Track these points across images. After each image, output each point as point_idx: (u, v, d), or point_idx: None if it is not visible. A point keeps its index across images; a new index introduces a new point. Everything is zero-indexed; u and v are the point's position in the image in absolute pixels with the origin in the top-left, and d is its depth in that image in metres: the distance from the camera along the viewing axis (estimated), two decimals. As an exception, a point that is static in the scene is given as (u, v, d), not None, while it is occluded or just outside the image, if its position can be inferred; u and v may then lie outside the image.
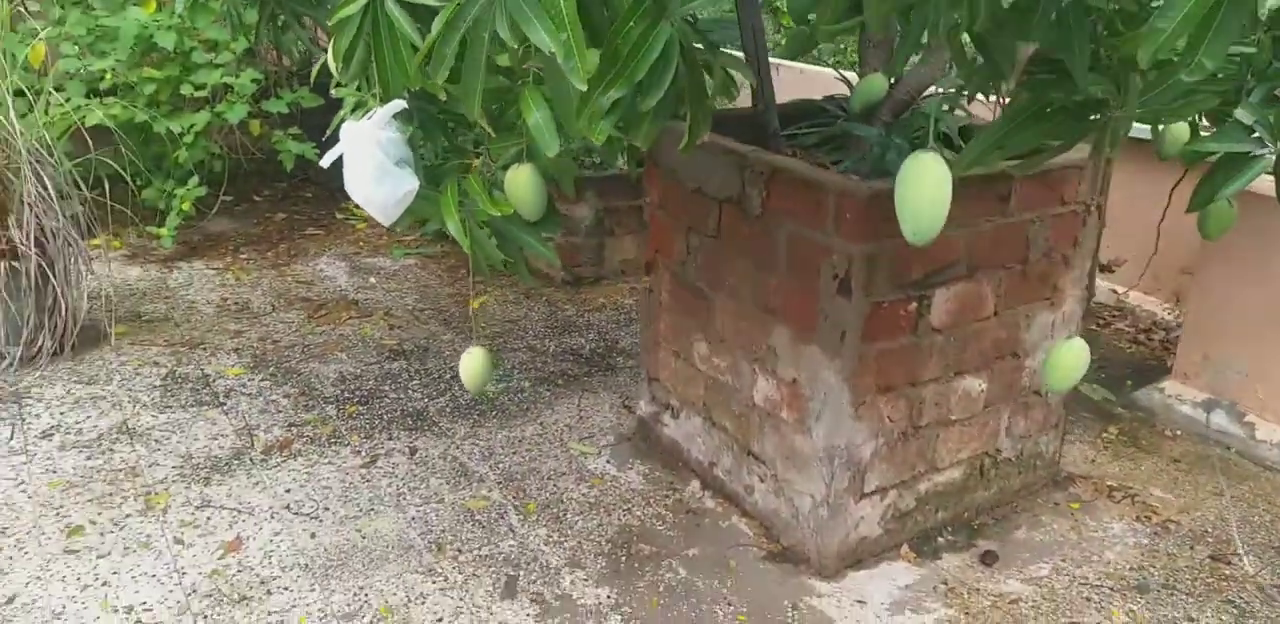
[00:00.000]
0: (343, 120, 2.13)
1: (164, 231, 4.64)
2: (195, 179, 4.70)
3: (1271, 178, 2.26)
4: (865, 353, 2.44)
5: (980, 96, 2.03)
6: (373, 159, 2.02)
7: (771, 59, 3.14)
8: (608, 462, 3.17)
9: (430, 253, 4.95)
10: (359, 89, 2.43)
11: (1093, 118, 1.89)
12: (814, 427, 2.57)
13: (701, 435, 3.04)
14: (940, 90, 2.58)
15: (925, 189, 1.52)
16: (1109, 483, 3.12)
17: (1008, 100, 1.90)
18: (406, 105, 2.06)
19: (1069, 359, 1.99)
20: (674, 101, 1.65)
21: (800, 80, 5.08)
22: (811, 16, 1.94)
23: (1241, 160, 2.29)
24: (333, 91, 2.56)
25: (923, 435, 2.68)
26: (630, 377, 3.69)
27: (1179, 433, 3.45)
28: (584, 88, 1.44)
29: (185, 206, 4.65)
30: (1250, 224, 2.97)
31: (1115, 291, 4.52)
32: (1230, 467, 3.24)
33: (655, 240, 3.06)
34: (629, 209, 4.49)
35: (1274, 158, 2.24)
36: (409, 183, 2.06)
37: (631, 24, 1.50)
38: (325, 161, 2.11)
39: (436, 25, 1.54)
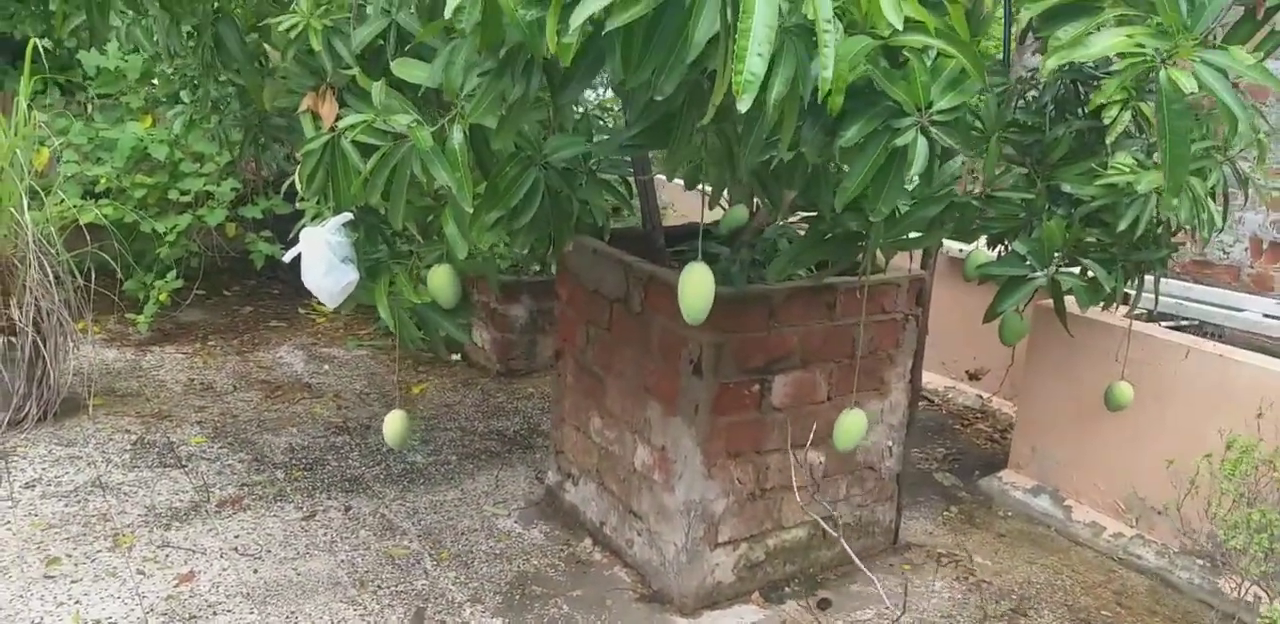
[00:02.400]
0: (303, 226, 2.74)
1: (141, 319, 5.21)
2: (173, 273, 5.29)
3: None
4: (716, 423, 3.04)
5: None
6: (323, 257, 2.64)
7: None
8: (515, 522, 3.69)
9: (381, 345, 5.53)
10: (318, 202, 3.06)
11: (860, 244, 2.56)
12: (677, 485, 3.14)
13: (595, 499, 3.59)
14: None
15: (692, 287, 2.16)
16: (939, 550, 3.68)
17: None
18: (353, 216, 2.70)
19: (850, 425, 2.60)
20: (544, 222, 2.29)
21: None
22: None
23: (1019, 281, 2.99)
24: (297, 204, 3.19)
25: (769, 497, 3.25)
26: (545, 457, 4.25)
27: (1010, 514, 4.03)
28: (470, 210, 2.08)
29: (163, 298, 5.23)
30: (1058, 334, 3.65)
31: (980, 397, 5.16)
32: (1047, 541, 3.81)
33: (563, 332, 3.68)
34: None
35: (1044, 279, 2.93)
36: (350, 275, 2.67)
37: (509, 167, 2.16)
38: (286, 258, 2.72)
39: (370, 164, 2.18)
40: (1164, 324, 3.96)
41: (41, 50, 6.05)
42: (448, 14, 1.55)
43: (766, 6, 1.29)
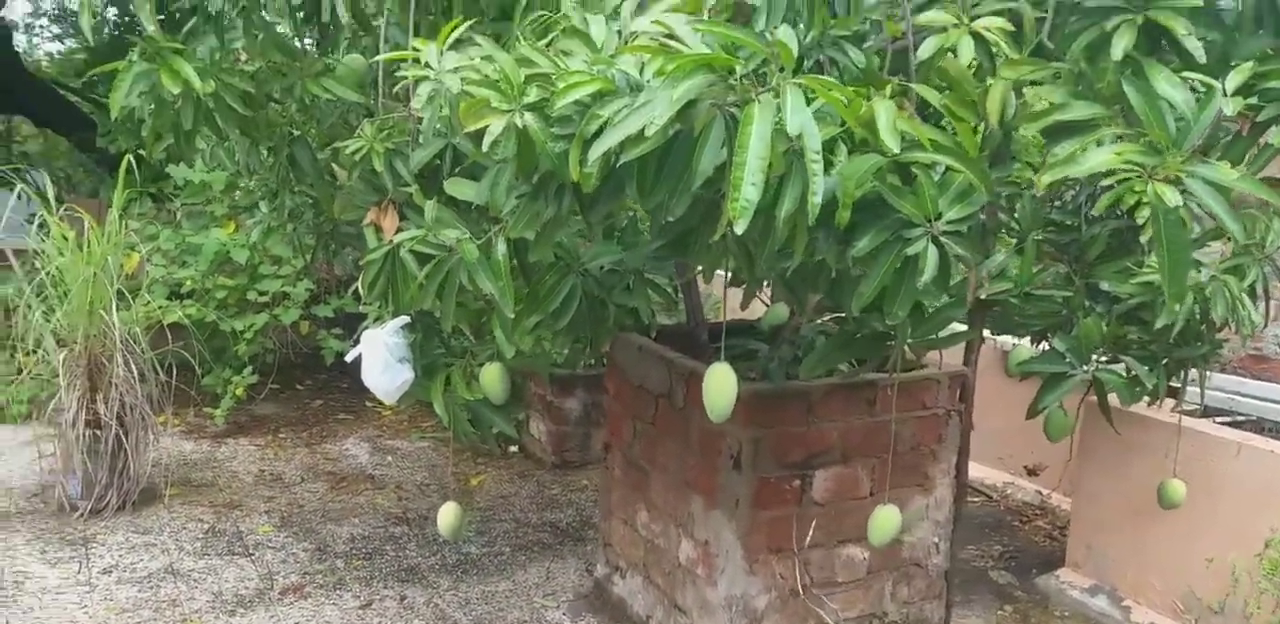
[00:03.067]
0: (364, 329, 2.93)
1: (218, 413, 5.45)
2: (249, 369, 5.56)
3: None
4: (757, 518, 3.10)
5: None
6: (380, 357, 2.81)
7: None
8: (564, 614, 3.75)
9: (442, 437, 5.69)
10: (379, 306, 3.26)
11: (888, 343, 2.66)
12: (719, 579, 3.19)
13: (641, 592, 3.64)
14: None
15: (715, 386, 2.27)
16: (991, 649, 3.64)
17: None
18: (411, 319, 2.88)
19: (883, 521, 2.66)
20: (581, 325, 2.44)
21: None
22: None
23: (1060, 378, 3.05)
24: (361, 307, 3.40)
25: (812, 593, 3.28)
26: (595, 546, 4.32)
27: (1067, 614, 3.97)
28: (511, 316, 2.24)
29: (239, 392, 5.48)
30: (1108, 430, 3.66)
31: (1040, 493, 5.11)
32: (1104, 641, 3.75)
33: (611, 426, 3.79)
34: (612, 405, 5.24)
35: (1082, 376, 2.99)
36: (405, 374, 2.84)
37: (548, 276, 2.33)
38: (349, 358, 2.91)
39: (424, 272, 2.36)
40: (1219, 420, 3.95)
41: (134, 164, 6.53)
42: (484, 147, 1.74)
43: (759, 142, 1.45)
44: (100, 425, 4.26)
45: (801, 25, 1.83)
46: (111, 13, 10.39)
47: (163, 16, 2.58)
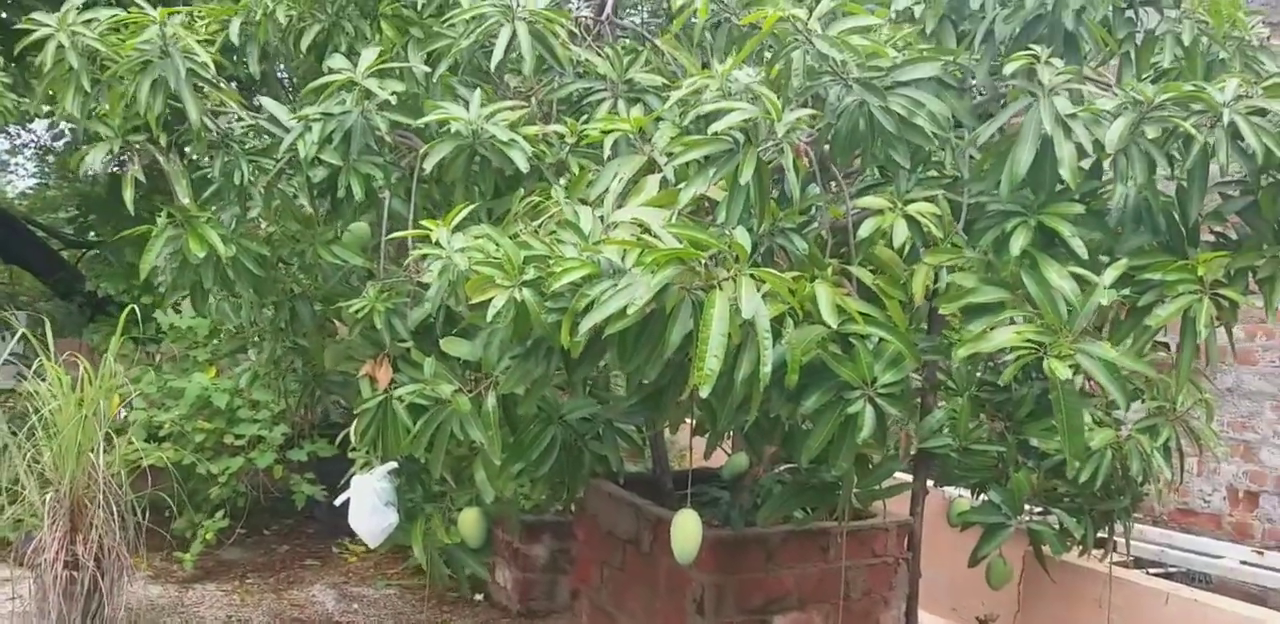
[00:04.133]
0: (353, 475, 3.15)
1: (188, 558, 5.52)
2: (221, 513, 5.66)
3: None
4: (719, 661, 3.27)
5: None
6: (368, 501, 3.03)
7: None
8: None
9: (408, 585, 5.76)
10: (367, 452, 3.48)
11: (837, 493, 2.93)
12: (680, 722, 3.31)
13: (604, 738, 3.73)
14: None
15: (680, 531, 2.52)
16: None
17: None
18: (397, 464, 3.11)
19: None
20: (560, 472, 2.70)
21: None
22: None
23: (996, 528, 3.31)
24: (350, 454, 3.62)
25: (770, 736, 3.40)
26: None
27: None
28: (498, 462, 2.49)
29: (209, 537, 5.56)
30: (1050, 581, 3.89)
31: (990, 641, 5.25)
32: None
33: (580, 572, 3.97)
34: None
35: (1017, 526, 3.25)
36: (391, 518, 3.05)
37: (532, 425, 2.60)
38: (337, 502, 3.12)
39: (419, 424, 2.62)
40: (1151, 571, 4.20)
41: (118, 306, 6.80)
42: (489, 317, 2.05)
43: (720, 322, 1.77)
44: (78, 567, 4.34)
45: (754, 219, 2.19)
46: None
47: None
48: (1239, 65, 2.59)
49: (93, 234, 9.89)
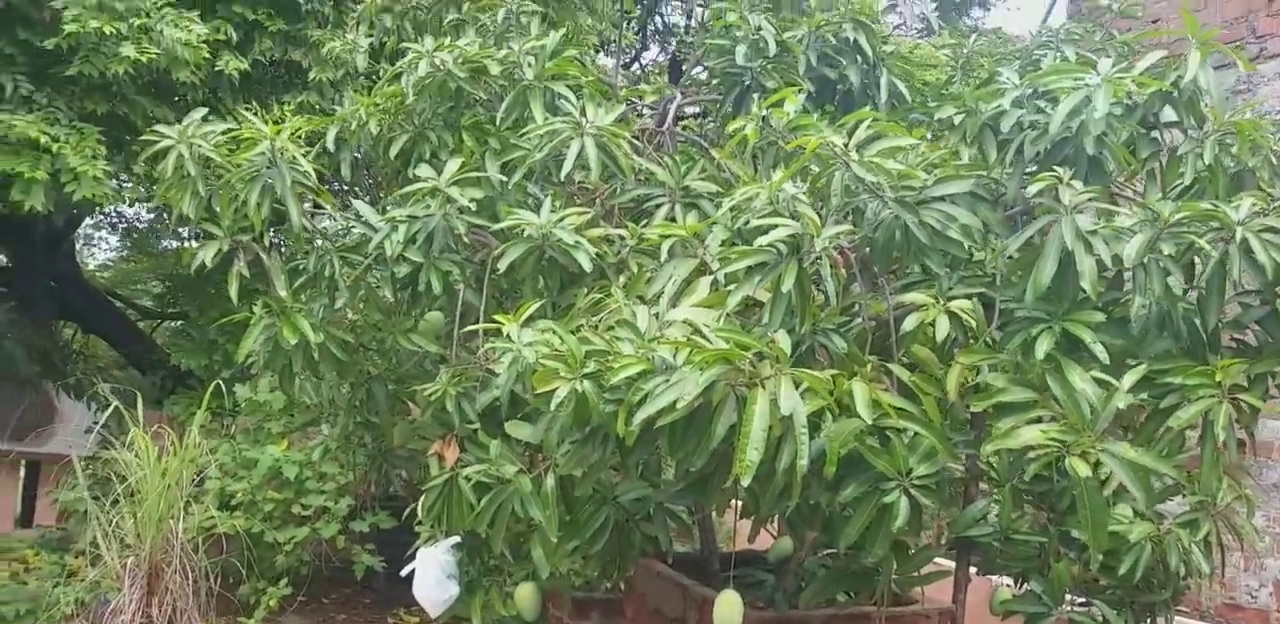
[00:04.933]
0: (418, 547, 3.34)
1: (252, 623, 5.72)
2: (285, 581, 5.86)
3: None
4: (758, 742, 3.35)
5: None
6: (433, 572, 3.21)
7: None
8: None
9: (460, 658, 5.89)
10: (432, 526, 3.67)
11: (877, 578, 3.05)
12: None
13: None
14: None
15: (724, 611, 2.66)
16: None
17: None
18: (460, 539, 3.30)
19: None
20: (611, 550, 2.87)
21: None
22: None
23: (1038, 618, 3.40)
24: (416, 528, 3.82)
25: None
26: None
27: None
28: (554, 539, 2.68)
29: (272, 603, 5.76)
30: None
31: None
32: None
33: (627, 649, 4.08)
34: (626, 630, 5.48)
35: (1058, 617, 3.33)
36: (453, 589, 3.23)
37: (588, 506, 2.78)
38: (404, 572, 3.30)
39: (483, 502, 2.82)
40: (1199, 667, 4.19)
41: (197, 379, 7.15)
42: (552, 406, 2.26)
43: (761, 417, 1.96)
44: (151, 629, 4.57)
45: (796, 320, 2.39)
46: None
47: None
48: (1268, 174, 2.76)
49: (171, 309, 10.28)
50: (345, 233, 3.19)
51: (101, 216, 12.44)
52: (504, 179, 3.11)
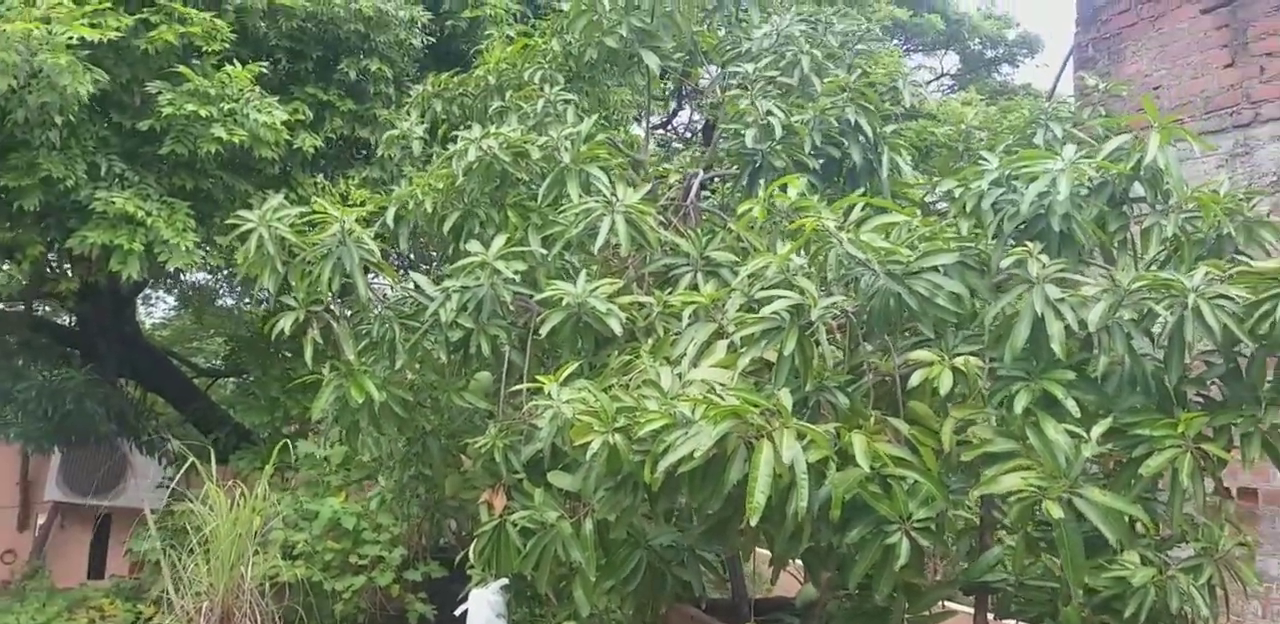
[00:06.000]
0: (470, 588, 3.64)
1: (310, 672, 6.02)
2: (343, 629, 6.18)
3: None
4: None
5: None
6: (484, 612, 3.52)
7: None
8: None
9: (508, 703, 6.13)
10: (483, 569, 3.98)
11: (890, 617, 3.30)
12: None
13: None
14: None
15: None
16: None
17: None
18: (509, 581, 3.60)
19: None
20: (645, 590, 3.15)
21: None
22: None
23: (1056, 661, 3.59)
24: (467, 571, 4.12)
25: None
26: None
27: None
28: (593, 579, 2.97)
29: (330, 649, 6.06)
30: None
31: None
32: None
33: (664, 689, 4.32)
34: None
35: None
36: (501, 628, 3.53)
37: (622, 549, 3.08)
38: (457, 612, 3.61)
39: (530, 545, 3.12)
40: (1220, 711, 4.33)
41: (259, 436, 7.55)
42: (586, 457, 2.59)
43: (766, 465, 2.27)
44: (221, 672, 4.89)
45: (799, 380, 2.71)
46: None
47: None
48: (1243, 239, 3.03)
49: (228, 367, 10.55)
50: (404, 301, 3.56)
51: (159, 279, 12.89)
52: (545, 252, 3.48)
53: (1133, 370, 2.79)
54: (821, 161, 3.60)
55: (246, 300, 10.03)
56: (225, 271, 6.45)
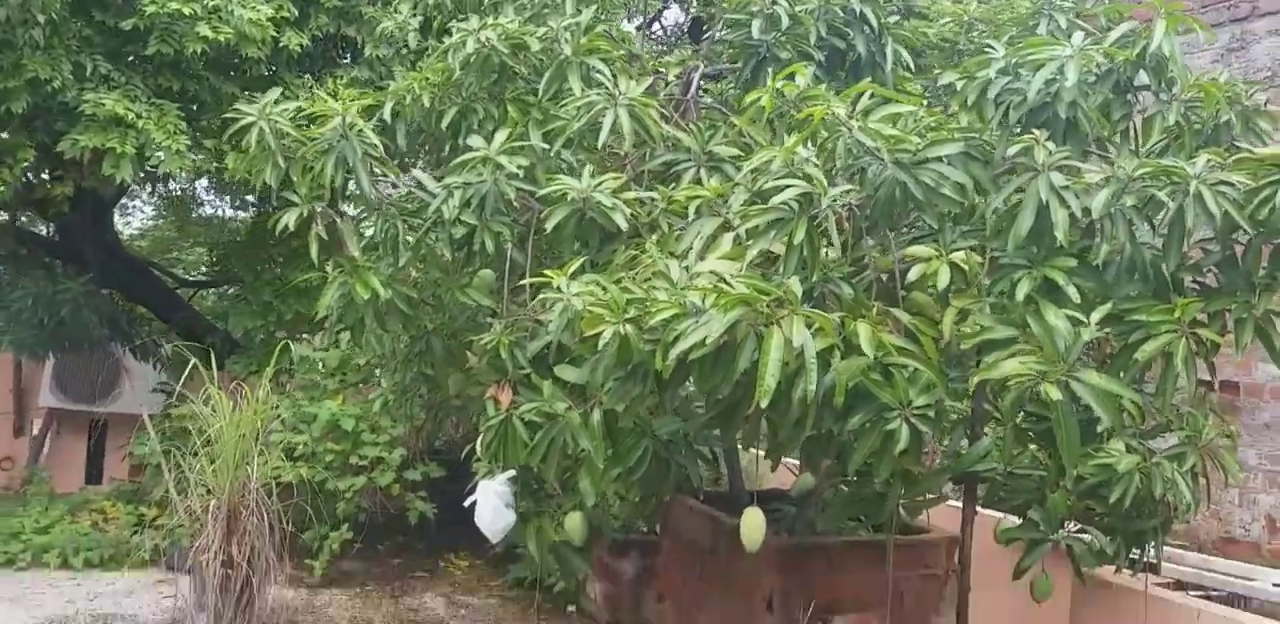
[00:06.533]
0: (479, 480, 3.73)
1: (317, 565, 6.20)
2: (346, 526, 6.32)
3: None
4: (786, 651, 3.75)
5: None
6: (492, 502, 3.61)
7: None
8: (618, 743, 4.32)
9: (508, 596, 6.35)
10: (490, 462, 4.07)
11: (885, 503, 3.42)
12: (754, 702, 3.79)
13: (686, 723, 4.22)
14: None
15: (748, 523, 3.04)
16: None
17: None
18: (516, 473, 3.69)
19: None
20: (651, 478, 3.24)
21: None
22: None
23: (1037, 543, 3.75)
24: (474, 464, 4.21)
25: (830, 722, 3.86)
26: (646, 690, 4.89)
27: None
28: (601, 467, 3.06)
29: (335, 547, 6.23)
30: (1094, 602, 4.27)
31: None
32: None
33: (664, 577, 4.49)
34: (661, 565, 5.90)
35: (1055, 542, 3.67)
36: (510, 517, 3.63)
37: (629, 438, 3.16)
38: (466, 503, 3.70)
39: (538, 437, 3.20)
40: (1194, 593, 4.53)
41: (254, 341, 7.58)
42: (599, 346, 2.63)
43: (777, 350, 2.32)
44: (233, 566, 5.01)
45: (806, 270, 2.74)
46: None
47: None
48: (1241, 127, 3.06)
49: (211, 276, 10.37)
50: (406, 199, 3.55)
51: (137, 186, 12.58)
52: (546, 147, 3.46)
53: (1132, 257, 2.84)
54: (825, 53, 3.56)
55: (236, 204, 9.93)
56: (214, 176, 6.35)
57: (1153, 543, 3.93)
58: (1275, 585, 4.41)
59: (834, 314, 2.67)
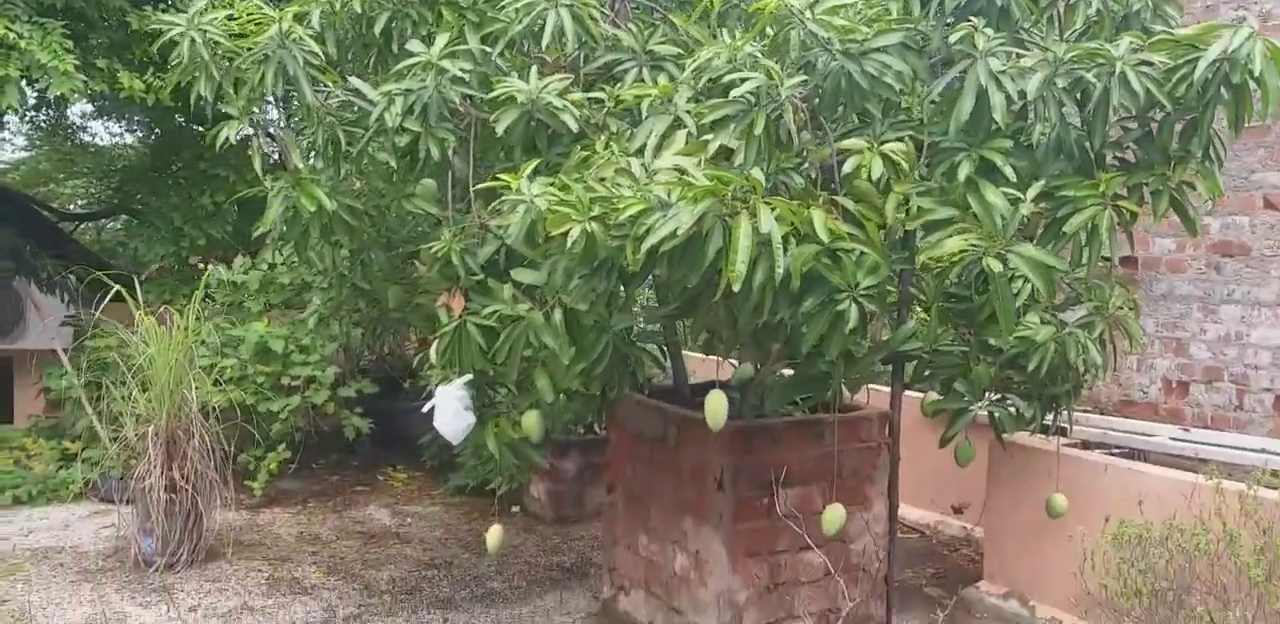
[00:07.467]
0: (437, 384, 3.81)
1: (256, 485, 6.22)
2: (283, 446, 6.34)
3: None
4: (737, 529, 3.99)
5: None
6: (451, 406, 3.71)
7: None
8: (581, 627, 4.57)
9: (450, 503, 6.49)
10: (443, 368, 4.15)
11: (829, 383, 3.63)
12: (709, 579, 4.05)
13: (643, 604, 4.48)
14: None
15: (712, 404, 3.22)
16: (928, 641, 4.51)
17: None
18: (472, 377, 3.78)
19: (831, 516, 3.56)
20: (611, 371, 3.38)
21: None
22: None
23: (961, 412, 4.02)
24: (427, 371, 4.28)
25: (782, 590, 4.15)
26: (598, 581, 5.14)
27: (986, 616, 4.86)
28: (566, 362, 3.17)
29: (273, 467, 6.25)
30: (1009, 463, 4.62)
31: (965, 528, 6.03)
32: (1018, 634, 4.63)
33: (614, 469, 4.68)
34: (603, 465, 6.11)
35: (979, 411, 3.95)
36: (470, 419, 3.74)
37: (591, 334, 3.28)
38: (425, 409, 3.79)
39: (500, 340, 3.28)
40: (1100, 451, 4.93)
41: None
42: (568, 245, 2.71)
43: (745, 237, 2.45)
44: (176, 490, 5.03)
45: (764, 161, 2.86)
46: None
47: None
48: (1149, 16, 3.25)
49: (91, 207, 9.84)
50: (343, 108, 3.51)
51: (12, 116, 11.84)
52: (486, 50, 3.46)
53: (1060, 137, 3.03)
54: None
55: (131, 128, 9.49)
56: (107, 98, 6.05)
57: (1064, 407, 4.28)
58: (1172, 439, 4.83)
59: (791, 202, 2.80)
